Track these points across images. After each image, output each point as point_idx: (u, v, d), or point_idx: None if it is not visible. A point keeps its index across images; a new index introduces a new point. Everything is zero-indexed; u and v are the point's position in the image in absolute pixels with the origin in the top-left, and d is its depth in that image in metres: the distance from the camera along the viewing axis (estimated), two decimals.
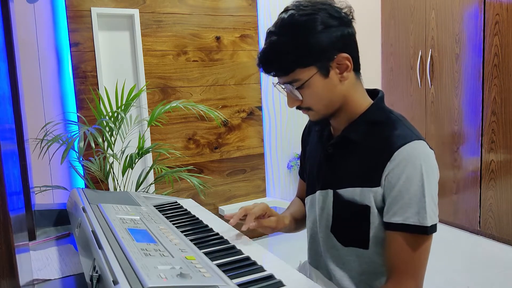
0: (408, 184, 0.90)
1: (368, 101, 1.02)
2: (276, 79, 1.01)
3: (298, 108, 1.01)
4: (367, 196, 0.95)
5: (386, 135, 0.95)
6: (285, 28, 0.94)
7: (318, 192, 1.08)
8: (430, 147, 0.95)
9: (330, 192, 1.03)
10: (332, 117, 1.03)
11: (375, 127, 0.98)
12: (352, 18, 0.98)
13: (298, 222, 1.24)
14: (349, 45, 0.96)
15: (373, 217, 0.96)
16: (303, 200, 1.28)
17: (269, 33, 0.96)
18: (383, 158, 0.93)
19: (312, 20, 0.92)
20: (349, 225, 1.01)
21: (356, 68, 0.99)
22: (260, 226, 1.08)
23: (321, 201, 1.06)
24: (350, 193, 0.98)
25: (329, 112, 1.01)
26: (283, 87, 1.00)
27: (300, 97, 0.98)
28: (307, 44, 0.92)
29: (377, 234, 0.97)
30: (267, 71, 0.98)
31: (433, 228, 0.91)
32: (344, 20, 0.95)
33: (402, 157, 0.91)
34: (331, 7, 0.94)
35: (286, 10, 0.96)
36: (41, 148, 1.96)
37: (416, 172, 0.90)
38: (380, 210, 0.95)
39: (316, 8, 0.93)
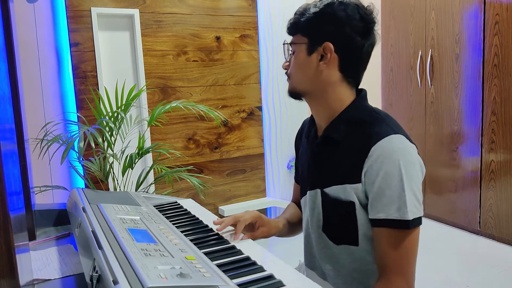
0: (388, 179, 0.90)
1: (350, 100, 1.03)
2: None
3: (286, 73, 1.07)
4: (350, 192, 0.96)
5: (366, 132, 0.96)
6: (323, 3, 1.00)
7: (308, 193, 1.09)
8: (411, 141, 0.95)
9: (318, 191, 1.04)
10: (307, 99, 1.06)
11: (356, 125, 0.99)
12: (370, 33, 1.01)
13: (292, 226, 1.24)
14: (345, 47, 0.99)
15: (359, 213, 0.97)
16: (298, 205, 1.28)
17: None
18: (361, 155, 0.94)
19: (336, 6, 0.98)
20: (338, 223, 1.02)
21: (347, 73, 1.02)
22: (252, 238, 1.06)
23: (311, 201, 1.07)
24: (335, 191, 1.00)
25: (302, 90, 1.04)
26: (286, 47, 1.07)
27: (288, 60, 1.06)
28: (315, 15, 0.99)
29: (365, 231, 0.98)
30: (288, 25, 1.06)
31: (415, 222, 0.90)
32: (358, 28, 0.98)
33: (379, 152, 0.91)
34: (361, 13, 0.98)
35: None
36: (41, 148, 1.96)
37: (394, 167, 0.90)
38: (365, 207, 0.96)
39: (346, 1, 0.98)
